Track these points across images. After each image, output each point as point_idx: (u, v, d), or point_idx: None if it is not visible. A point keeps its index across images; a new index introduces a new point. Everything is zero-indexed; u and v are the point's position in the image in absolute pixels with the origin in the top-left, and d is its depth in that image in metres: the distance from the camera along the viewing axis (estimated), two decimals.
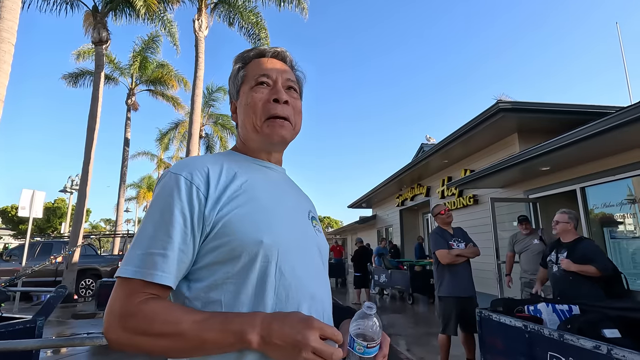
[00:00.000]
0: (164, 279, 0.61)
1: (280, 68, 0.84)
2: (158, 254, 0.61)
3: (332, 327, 0.61)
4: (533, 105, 5.51)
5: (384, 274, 9.55)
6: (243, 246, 0.65)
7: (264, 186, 0.77)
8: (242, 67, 0.85)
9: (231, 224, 0.66)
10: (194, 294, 0.66)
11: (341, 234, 25.26)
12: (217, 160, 0.75)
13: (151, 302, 0.60)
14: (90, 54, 13.38)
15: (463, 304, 3.60)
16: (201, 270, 0.67)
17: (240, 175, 0.74)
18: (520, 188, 6.28)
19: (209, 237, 0.66)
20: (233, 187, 0.71)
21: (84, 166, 9.47)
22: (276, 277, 0.66)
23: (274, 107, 0.78)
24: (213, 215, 0.66)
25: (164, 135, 19.17)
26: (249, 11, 10.98)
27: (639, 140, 3.99)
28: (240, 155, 0.83)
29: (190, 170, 0.69)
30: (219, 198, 0.68)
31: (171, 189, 0.66)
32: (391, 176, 10.95)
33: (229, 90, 0.89)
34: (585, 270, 2.88)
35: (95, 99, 9.75)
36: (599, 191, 4.93)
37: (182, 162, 0.73)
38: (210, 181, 0.69)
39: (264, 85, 0.80)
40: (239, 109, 0.84)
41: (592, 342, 2.00)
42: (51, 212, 34.40)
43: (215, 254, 0.66)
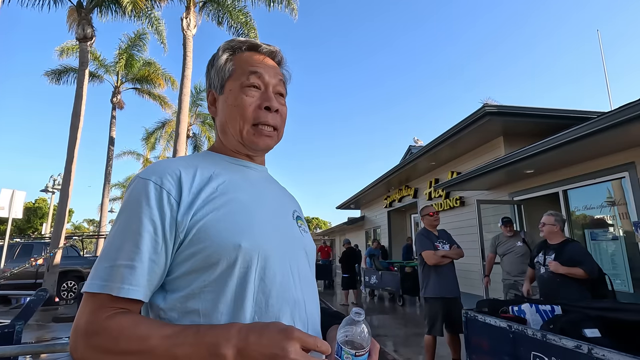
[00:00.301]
0: (132, 293, 0.57)
1: (272, 68, 0.79)
2: (125, 266, 0.57)
3: (316, 337, 0.56)
4: (518, 109, 5.63)
5: (375, 275, 9.55)
6: (220, 252, 0.61)
7: (243, 187, 0.72)
8: (231, 58, 0.79)
9: (207, 228, 0.62)
10: (170, 304, 0.62)
11: (329, 235, 25.27)
12: (191, 162, 0.71)
13: (118, 317, 0.56)
14: (74, 50, 13.07)
15: (448, 304, 3.65)
16: (177, 279, 0.63)
17: (216, 177, 0.70)
18: (505, 190, 6.40)
19: (183, 245, 0.62)
20: (208, 189, 0.66)
21: (67, 165, 9.23)
22: (255, 283, 0.63)
23: (264, 115, 0.75)
24: (186, 221, 0.62)
25: (150, 135, 18.85)
26: (238, 10, 10.90)
27: (618, 145, 4.12)
28: (217, 156, 0.79)
29: (159, 175, 0.65)
30: (193, 202, 0.64)
31: (139, 195, 0.62)
32: (379, 178, 11.02)
33: (208, 78, 0.82)
34: (573, 273, 2.93)
35: (79, 97, 9.52)
36: (581, 194, 5.07)
37: (151, 166, 0.69)
38: (182, 185, 0.64)
39: (255, 88, 0.76)
40: (222, 105, 0.79)
41: (573, 341, 2.05)
42: (32, 213, 33.42)
43: (191, 262, 0.62)
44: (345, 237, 19.90)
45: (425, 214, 3.94)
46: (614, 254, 4.54)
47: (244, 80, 0.75)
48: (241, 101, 0.74)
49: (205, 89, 0.86)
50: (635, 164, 4.12)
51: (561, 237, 3.22)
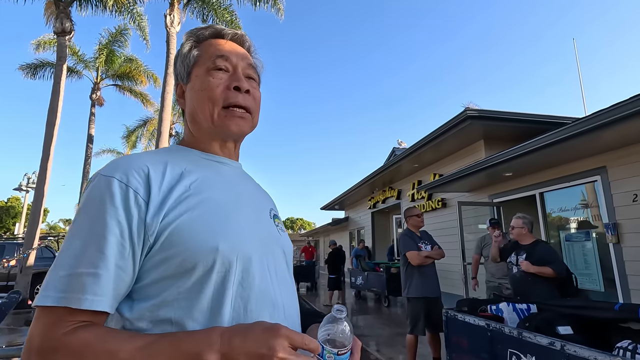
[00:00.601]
0: (96, 304, 0.50)
1: (240, 52, 0.75)
2: (87, 274, 0.51)
3: (303, 334, 0.53)
4: (498, 113, 5.79)
5: (361, 276, 9.57)
6: (196, 256, 0.56)
7: (218, 184, 0.67)
8: (195, 45, 0.75)
9: (180, 231, 0.56)
10: (138, 314, 0.56)
11: (314, 236, 25.27)
12: (160, 157, 0.64)
13: (80, 332, 0.49)
14: (51, 44, 12.63)
15: (430, 304, 3.72)
16: (147, 287, 0.56)
17: (188, 174, 0.64)
18: (485, 192, 6.56)
19: (154, 249, 0.56)
20: (180, 187, 0.60)
21: (42, 163, 8.90)
22: (233, 288, 0.58)
23: (234, 96, 0.69)
24: (157, 223, 0.55)
25: (131, 133, 18.39)
26: (224, 9, 10.78)
27: (591, 150, 4.30)
28: (188, 150, 0.73)
29: (125, 172, 0.58)
30: (164, 202, 0.57)
31: (102, 194, 0.55)
32: (363, 179, 11.11)
33: (175, 70, 0.77)
34: (543, 272, 3.07)
35: (56, 93, 9.20)
36: (556, 196, 5.25)
37: (114, 162, 0.61)
38: (151, 183, 0.58)
39: (222, 71, 0.71)
40: (189, 94, 0.73)
41: (547, 339, 2.13)
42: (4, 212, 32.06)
43: (163, 268, 0.56)
44: (329, 237, 19.96)
45: (413, 215, 4.00)
46: (586, 254, 4.73)
47: (210, 64, 0.71)
48: (208, 84, 0.69)
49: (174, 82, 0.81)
50: (606, 168, 4.30)
51: (531, 238, 3.38)
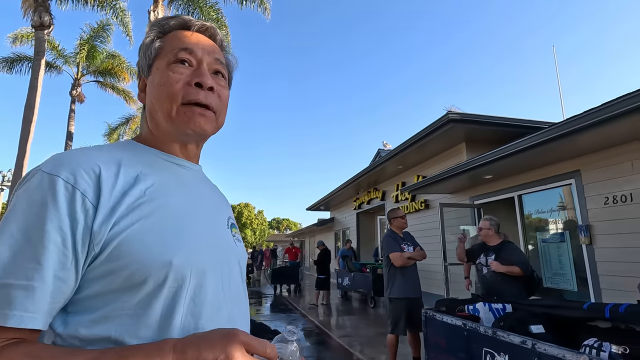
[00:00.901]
0: (27, 321, 0.45)
1: (207, 45, 0.69)
2: (18, 287, 0.45)
3: (264, 340, 0.50)
4: (479, 117, 5.92)
5: (347, 276, 9.53)
6: (147, 270, 0.51)
7: (176, 190, 0.62)
8: (159, 36, 0.69)
9: (131, 242, 0.51)
10: (71, 330, 0.50)
11: (300, 236, 25.25)
12: (113, 156, 0.58)
13: (7, 351, 0.44)
14: (29, 38, 12.23)
15: (411, 304, 3.78)
16: (86, 300, 0.51)
17: (144, 177, 0.58)
18: (466, 194, 6.69)
19: (99, 259, 0.50)
20: (135, 193, 0.55)
21: (18, 160, 8.62)
22: (184, 304, 0.53)
23: (195, 92, 0.63)
24: (105, 231, 0.50)
25: (113, 131, 17.97)
26: (210, 7, 10.68)
27: (566, 154, 4.44)
28: (145, 149, 0.66)
29: (72, 170, 0.51)
30: (115, 208, 0.52)
31: (43, 195, 0.49)
32: (349, 180, 11.17)
33: (138, 62, 0.71)
34: (512, 271, 3.22)
35: (34, 88, 8.93)
36: (533, 199, 5.40)
37: (60, 156, 0.54)
38: (102, 185, 0.52)
39: (185, 64, 0.65)
40: (149, 88, 0.67)
41: (519, 337, 2.20)
42: None
43: (108, 280, 0.51)
44: (315, 238, 19.98)
45: (397, 217, 4.06)
46: (561, 255, 4.88)
47: (171, 57, 0.65)
48: (168, 78, 0.63)
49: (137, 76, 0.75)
50: (580, 172, 4.45)
51: (498, 238, 3.54)
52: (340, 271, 10.11)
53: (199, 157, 0.75)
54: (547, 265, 5.09)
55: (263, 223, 57.34)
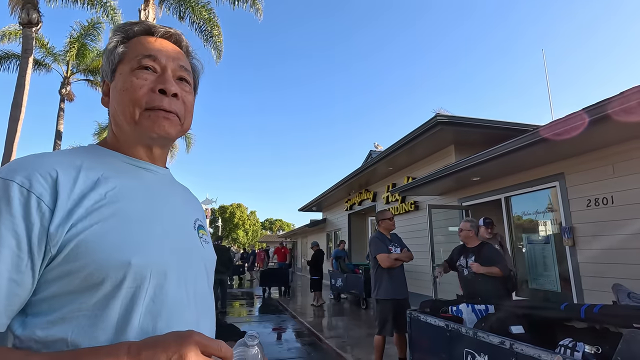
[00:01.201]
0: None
1: (172, 52, 0.69)
2: None
3: (219, 341, 0.50)
4: (467, 119, 5.99)
5: (340, 277, 9.45)
6: (105, 270, 0.52)
7: (138, 193, 0.62)
8: (123, 42, 0.69)
9: (88, 243, 0.52)
10: (28, 332, 0.50)
11: (292, 237, 25.22)
12: (73, 160, 0.59)
13: None
14: (17, 35, 12.06)
15: (398, 305, 3.80)
16: (43, 301, 0.52)
17: (105, 181, 0.59)
18: (455, 196, 6.76)
19: (55, 261, 0.51)
20: (94, 196, 0.56)
21: (4, 160, 8.49)
22: (144, 305, 0.54)
23: (159, 99, 0.64)
24: (62, 233, 0.51)
25: (103, 130, 17.74)
26: (201, 6, 10.62)
27: (550, 156, 4.52)
28: (108, 152, 0.67)
29: (28, 175, 0.52)
30: (72, 211, 0.53)
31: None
32: (340, 181, 11.21)
33: (101, 67, 0.71)
34: (492, 272, 3.30)
35: (21, 86, 8.80)
36: (520, 201, 5.48)
37: (17, 162, 0.55)
38: (59, 189, 0.53)
39: (149, 71, 0.65)
40: (112, 93, 0.68)
41: (498, 338, 2.23)
42: None
43: (64, 281, 0.51)
44: (307, 239, 19.97)
45: (386, 218, 4.08)
46: (546, 256, 4.96)
47: (135, 63, 0.66)
48: (131, 84, 0.64)
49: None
50: (564, 175, 4.53)
51: (476, 240, 3.63)
52: (334, 272, 10.04)
53: (166, 160, 0.76)
54: (532, 266, 5.17)
55: (255, 224, 57.13)
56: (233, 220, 51.39)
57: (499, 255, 3.48)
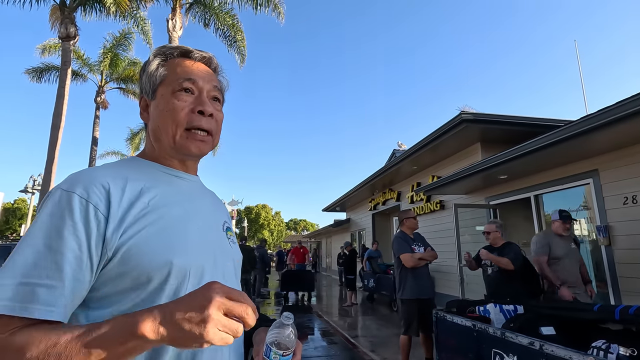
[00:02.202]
0: (48, 314, 0.52)
1: (206, 74, 0.77)
2: (42, 285, 0.52)
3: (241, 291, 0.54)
4: (493, 117, 5.84)
5: (373, 278, 9.39)
6: (152, 270, 0.60)
7: (176, 200, 0.71)
8: (163, 64, 0.77)
9: (139, 246, 0.59)
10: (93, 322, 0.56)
11: (316, 237, 25.37)
12: (120, 172, 0.67)
13: (26, 330, 0.50)
14: (56, 48, 12.86)
15: (423, 305, 3.78)
16: (103, 298, 0.60)
17: (147, 190, 0.67)
18: (482, 194, 6.61)
19: (111, 263, 0.59)
20: (139, 204, 0.63)
21: (47, 166, 9.09)
22: None
23: (198, 119, 0.72)
24: (116, 239, 0.59)
25: (135, 135, 18.60)
26: (225, 13, 10.91)
27: (583, 153, 4.34)
28: (147, 164, 0.75)
29: (86, 187, 0.60)
30: (123, 218, 0.61)
31: (62, 210, 0.57)
32: (364, 181, 11.19)
33: (140, 83, 0.79)
34: (499, 261, 3.35)
35: (61, 97, 9.39)
36: (551, 199, 5.30)
37: (75, 176, 0.63)
38: (111, 199, 0.61)
39: (188, 93, 0.74)
40: (153, 111, 0.75)
41: (527, 338, 2.20)
42: (10, 213, 32.41)
43: (120, 280, 0.59)
44: (331, 239, 20.04)
45: (409, 217, 4.07)
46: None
47: (176, 85, 0.73)
48: (173, 105, 0.72)
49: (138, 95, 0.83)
50: (598, 171, 4.34)
51: (502, 240, 3.66)
52: (366, 273, 9.95)
53: (197, 169, 0.84)
54: None
55: (280, 224, 57.81)
56: (258, 221, 52.22)
57: (517, 252, 3.46)
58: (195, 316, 0.47)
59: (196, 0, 10.85)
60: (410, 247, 3.87)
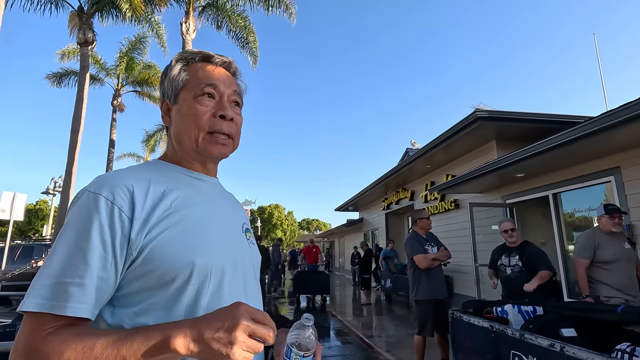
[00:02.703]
0: (80, 311, 0.55)
1: (227, 79, 0.79)
2: (73, 284, 0.55)
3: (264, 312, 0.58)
4: (508, 114, 5.73)
5: (390, 278, 9.18)
6: (175, 270, 0.62)
7: (196, 202, 0.72)
8: (185, 69, 0.78)
9: (161, 247, 0.61)
10: (118, 320, 0.61)
11: (329, 237, 25.36)
12: (143, 175, 0.69)
13: (62, 331, 0.54)
14: (75, 54, 13.22)
15: (437, 305, 3.75)
16: (128, 296, 0.62)
17: (170, 192, 0.68)
18: (498, 193, 6.49)
19: (135, 263, 0.61)
20: (162, 206, 0.65)
21: (68, 168, 9.35)
22: (206, 299, 0.64)
23: (219, 123, 0.74)
24: (140, 239, 0.61)
25: (150, 137, 18.96)
26: (237, 15, 11.01)
27: (604, 149, 4.22)
28: (169, 166, 0.77)
29: (111, 189, 0.62)
30: (147, 219, 0.62)
31: (89, 211, 0.60)
32: (377, 180, 11.12)
33: (162, 88, 0.81)
34: (544, 278, 3.19)
35: (80, 101, 9.65)
36: (570, 197, 5.16)
37: (101, 178, 0.66)
38: (135, 201, 0.63)
39: (209, 98, 0.75)
40: (176, 115, 0.77)
41: (547, 340, 2.15)
42: (32, 214, 33.47)
43: (144, 279, 0.62)
44: (344, 238, 20.00)
45: (423, 217, 4.03)
46: None
47: (198, 90, 0.75)
48: (195, 110, 0.74)
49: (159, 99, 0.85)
50: (620, 169, 4.21)
51: (519, 239, 3.58)
52: (383, 273, 9.77)
53: (216, 171, 0.86)
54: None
55: (293, 224, 58.04)
56: (271, 221, 52.58)
57: (543, 255, 3.35)
58: (223, 337, 0.52)
59: (209, 3, 10.98)
60: (423, 247, 3.83)
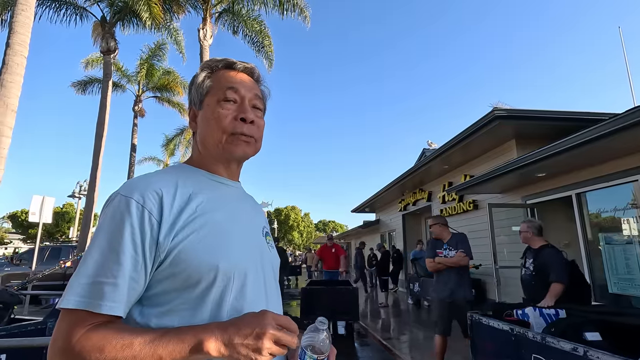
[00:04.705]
0: (114, 310, 0.59)
1: (248, 84, 0.82)
2: (108, 283, 0.59)
3: (287, 317, 0.63)
4: (528, 112, 5.60)
5: (417, 282, 8.58)
6: (200, 273, 0.65)
7: (220, 206, 0.75)
8: (209, 76, 0.82)
9: (187, 250, 0.64)
10: (147, 319, 0.64)
11: (345, 238, 25.30)
12: (171, 179, 0.72)
13: (101, 328, 0.58)
14: (98, 62, 13.71)
15: (453, 307, 3.76)
16: (156, 296, 0.65)
17: (195, 196, 0.71)
18: (518, 194, 6.35)
19: (163, 264, 0.64)
20: (188, 210, 0.68)
21: (92, 172, 9.72)
22: (230, 301, 0.67)
23: (240, 126, 0.77)
24: (168, 242, 0.64)
25: (169, 141, 19.45)
26: (253, 19, 11.18)
27: (630, 148, 4.07)
28: (194, 170, 0.80)
29: (141, 193, 0.65)
30: (174, 223, 0.66)
31: (121, 213, 0.63)
32: (393, 181, 11.04)
33: (189, 95, 0.85)
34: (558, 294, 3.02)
35: (103, 107, 10.02)
36: (595, 197, 4.99)
37: (132, 182, 0.69)
38: (163, 205, 0.66)
39: (231, 102, 0.79)
40: (201, 120, 0.81)
41: (570, 344, 2.10)
42: (59, 217, 34.78)
43: (171, 281, 0.65)
44: (360, 240, 19.90)
45: (431, 225, 4.21)
46: (628, 258, 4.46)
47: (220, 95, 0.79)
48: (218, 114, 0.77)
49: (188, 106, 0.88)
50: None
51: (539, 242, 3.41)
52: (411, 276, 9.21)
53: (239, 175, 0.89)
54: (612, 268, 4.68)
55: (310, 225, 58.16)
56: (288, 222, 52.84)
57: (556, 261, 3.17)
58: (252, 344, 0.58)
59: (225, 9, 11.19)
60: (434, 252, 4.00)
